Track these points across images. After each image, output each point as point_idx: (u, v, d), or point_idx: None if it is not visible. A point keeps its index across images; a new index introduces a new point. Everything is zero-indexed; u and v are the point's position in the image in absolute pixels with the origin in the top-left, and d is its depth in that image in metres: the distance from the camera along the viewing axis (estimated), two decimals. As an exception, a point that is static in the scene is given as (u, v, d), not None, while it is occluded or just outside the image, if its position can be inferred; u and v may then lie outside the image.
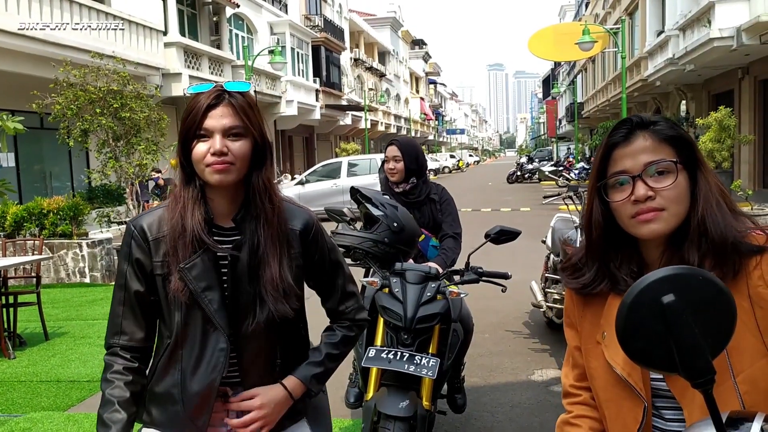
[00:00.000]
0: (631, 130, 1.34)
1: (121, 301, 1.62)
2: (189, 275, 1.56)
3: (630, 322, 0.93)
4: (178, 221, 1.57)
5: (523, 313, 6.52)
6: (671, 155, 1.31)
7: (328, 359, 1.72)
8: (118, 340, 1.62)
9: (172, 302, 1.59)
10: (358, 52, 41.41)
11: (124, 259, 1.62)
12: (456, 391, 3.49)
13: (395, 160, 3.50)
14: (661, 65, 19.61)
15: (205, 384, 1.58)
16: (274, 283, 1.59)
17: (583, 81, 43.32)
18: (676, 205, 1.30)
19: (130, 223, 1.64)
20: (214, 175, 1.54)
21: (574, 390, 1.50)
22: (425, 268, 2.93)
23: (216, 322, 1.58)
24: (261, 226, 1.61)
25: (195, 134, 1.54)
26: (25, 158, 15.04)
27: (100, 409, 1.55)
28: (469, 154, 75.05)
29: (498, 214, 16.55)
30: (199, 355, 1.60)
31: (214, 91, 1.56)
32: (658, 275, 0.92)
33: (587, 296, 1.44)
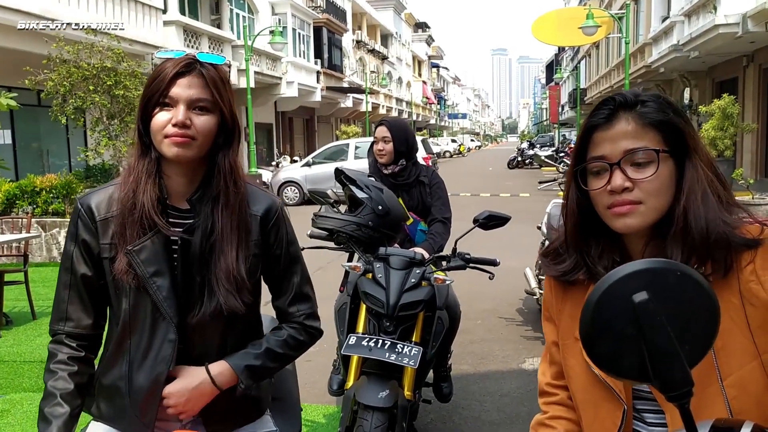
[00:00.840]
0: (614, 111, 1.21)
1: (66, 284, 1.51)
2: (137, 258, 1.45)
3: (596, 323, 0.81)
4: (129, 196, 1.45)
5: (517, 300, 6.44)
6: (655, 142, 1.18)
7: (267, 355, 1.58)
8: (63, 326, 1.51)
9: (120, 288, 1.48)
10: (361, 34, 41.03)
11: (71, 239, 1.51)
12: (442, 380, 3.40)
13: (384, 141, 3.39)
14: (666, 51, 19.39)
15: (151, 377, 1.48)
16: (228, 274, 1.48)
17: (587, 67, 42.97)
18: (655, 199, 1.17)
19: (78, 201, 1.52)
20: (172, 148, 1.42)
21: (550, 389, 1.40)
22: (410, 254, 2.83)
23: (164, 310, 1.47)
24: (219, 209, 1.49)
25: (158, 101, 1.43)
26: (21, 135, 14.90)
27: (42, 402, 1.45)
28: (470, 138, 74.84)
29: (497, 200, 16.44)
30: (147, 345, 1.49)
31: (184, 59, 1.44)
32: (629, 269, 0.80)
33: (567, 288, 1.34)
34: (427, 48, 69.40)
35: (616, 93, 1.25)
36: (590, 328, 0.83)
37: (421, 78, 64.20)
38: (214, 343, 1.53)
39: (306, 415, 3.79)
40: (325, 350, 4.83)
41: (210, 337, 1.53)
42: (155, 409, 1.50)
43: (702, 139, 1.25)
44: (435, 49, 74.54)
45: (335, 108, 34.49)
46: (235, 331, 1.56)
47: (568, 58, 55.77)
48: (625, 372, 0.82)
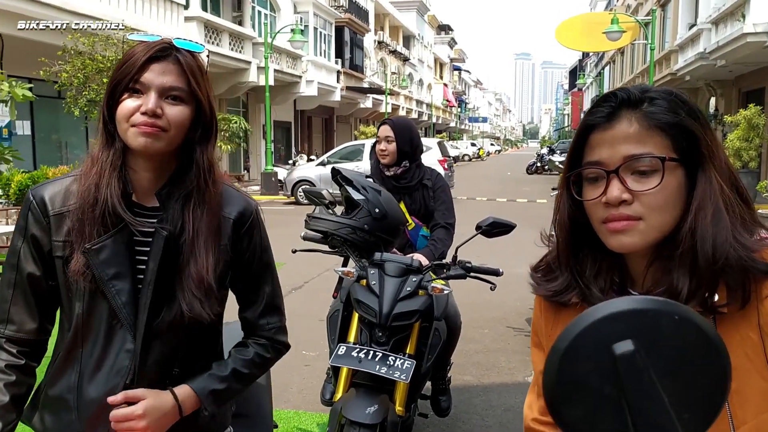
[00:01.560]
0: (615, 110, 1.02)
1: (11, 283, 1.36)
2: (96, 259, 1.29)
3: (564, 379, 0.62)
4: (90, 190, 1.30)
5: (528, 310, 6.24)
6: (662, 148, 0.99)
7: (233, 377, 1.42)
8: (3, 329, 1.35)
9: (73, 290, 1.33)
10: (383, 34, 40.91)
11: (19, 234, 1.36)
12: (440, 393, 3.24)
13: (387, 140, 3.22)
14: (692, 59, 19.04)
15: (104, 390, 1.33)
16: (201, 281, 1.33)
17: (611, 73, 42.50)
18: (657, 215, 0.99)
19: (30, 192, 1.37)
20: (139, 137, 1.27)
21: (536, 425, 1.20)
22: (407, 260, 2.67)
23: (122, 317, 1.32)
24: (191, 208, 1.34)
25: (127, 87, 1.27)
26: (41, 127, 14.98)
27: None
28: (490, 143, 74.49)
29: (513, 205, 16.21)
30: (101, 355, 1.34)
31: (159, 43, 1.29)
32: (610, 309, 0.61)
33: (559, 310, 1.17)
34: (450, 50, 69.11)
35: (620, 88, 1.07)
36: (556, 385, 0.63)
37: (442, 80, 63.93)
38: (163, 353, 1.38)
39: (299, 424, 3.65)
40: (325, 355, 4.68)
41: (162, 347, 1.37)
42: (106, 425, 1.35)
43: (726, 149, 1.05)
44: (457, 51, 74.24)
45: (355, 108, 34.40)
46: (190, 343, 1.41)
47: (592, 64, 55.25)
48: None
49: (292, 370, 4.48)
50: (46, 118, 14.99)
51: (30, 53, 11.51)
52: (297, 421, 3.68)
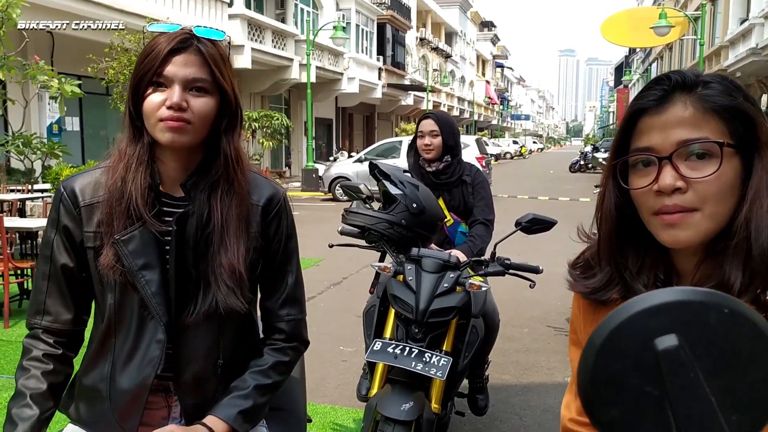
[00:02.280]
0: (668, 93, 0.96)
1: (45, 275, 1.38)
2: (125, 249, 1.31)
3: (600, 376, 0.57)
4: (117, 184, 1.31)
5: (568, 309, 6.07)
6: (719, 133, 0.93)
7: (256, 392, 1.40)
8: (39, 320, 1.38)
9: (105, 281, 1.34)
10: (425, 31, 40.75)
11: (51, 226, 1.38)
12: (478, 391, 3.19)
13: (432, 135, 3.17)
14: (743, 55, 18.48)
15: (135, 381, 1.34)
16: (233, 270, 1.33)
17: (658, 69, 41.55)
18: (713, 204, 0.93)
19: (61, 184, 1.39)
20: (166, 133, 1.28)
21: (573, 426, 1.16)
22: (444, 256, 2.63)
23: (152, 308, 1.33)
24: (218, 197, 1.34)
25: (150, 81, 1.28)
26: (89, 123, 15.37)
27: (10, 402, 1.32)
28: (533, 140, 73.60)
29: (555, 203, 15.98)
30: (133, 346, 1.35)
31: (180, 33, 1.29)
32: (653, 301, 0.56)
33: (598, 308, 1.12)
34: (492, 47, 68.47)
35: (673, 71, 1.00)
36: (591, 384, 0.58)
37: (484, 78, 63.41)
38: (204, 345, 1.39)
39: (336, 419, 3.65)
40: (362, 351, 4.68)
41: (201, 339, 1.38)
42: (139, 414, 1.36)
43: None
44: (500, 48, 73.53)
45: (396, 105, 34.37)
46: (229, 333, 1.42)
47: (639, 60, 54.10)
48: None
49: (329, 365, 4.49)
50: (94, 115, 15.37)
51: (78, 51, 11.81)
52: (333, 416, 3.68)
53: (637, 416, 0.57)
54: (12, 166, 10.99)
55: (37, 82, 9.57)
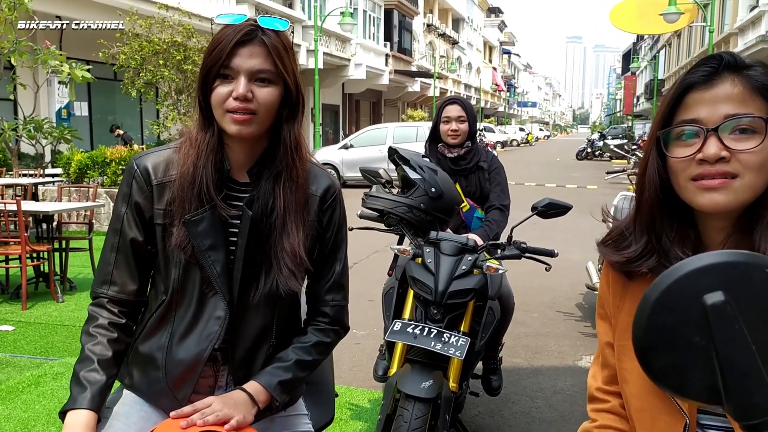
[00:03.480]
0: (717, 70, 1.04)
1: (114, 247, 1.45)
2: (194, 230, 1.38)
3: (654, 328, 0.65)
4: (189, 170, 1.38)
5: (577, 295, 6.19)
6: (763, 111, 1.01)
7: (297, 366, 1.48)
8: (106, 290, 1.44)
9: (171, 257, 1.41)
10: (432, 17, 40.58)
11: (123, 200, 1.44)
12: (491, 372, 3.26)
13: (459, 120, 3.20)
14: (752, 42, 18.40)
15: (193, 353, 1.42)
16: (294, 255, 1.41)
17: (666, 57, 41.31)
18: (754, 174, 1.00)
19: (133, 161, 1.45)
20: (233, 125, 1.34)
21: (600, 395, 1.25)
22: (462, 239, 2.69)
23: (217, 286, 1.40)
24: (281, 185, 1.41)
25: (218, 73, 1.34)
26: (97, 108, 15.44)
27: (77, 365, 1.39)
28: (539, 128, 73.35)
29: (562, 191, 16.00)
30: (193, 320, 1.43)
31: (245, 26, 1.34)
32: (702, 262, 0.63)
33: (627, 282, 1.18)
34: (500, 34, 68.14)
35: (722, 51, 1.08)
36: (646, 333, 0.66)
37: (491, 64, 63.15)
38: (259, 325, 1.46)
39: (351, 399, 3.73)
40: (375, 334, 4.77)
41: (259, 319, 1.46)
42: (192, 385, 1.44)
43: None
44: (507, 35, 73.14)
45: (403, 92, 34.32)
46: (282, 314, 1.50)
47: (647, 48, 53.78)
48: (689, 391, 0.65)
49: (343, 348, 4.56)
50: (102, 100, 15.44)
51: (87, 36, 11.85)
52: (349, 396, 3.76)
53: (686, 363, 0.64)
54: (22, 151, 11.07)
55: (48, 67, 9.63)
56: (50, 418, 3.42)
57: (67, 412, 1.33)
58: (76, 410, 1.33)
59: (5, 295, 5.95)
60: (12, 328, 4.97)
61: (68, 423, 1.32)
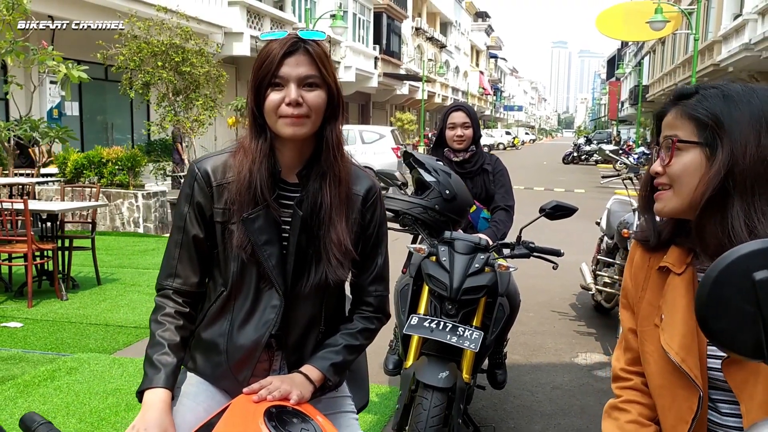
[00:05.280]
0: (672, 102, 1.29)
1: (178, 243, 1.59)
2: (251, 227, 1.52)
3: (713, 299, 0.81)
4: (246, 175, 1.52)
5: (571, 295, 6.38)
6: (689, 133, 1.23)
7: (346, 350, 1.63)
8: (171, 282, 1.59)
9: (230, 252, 1.56)
10: (420, 21, 40.83)
11: (185, 201, 1.59)
12: (497, 367, 3.42)
13: (464, 126, 3.37)
14: (736, 50, 18.73)
15: (252, 339, 1.56)
16: (340, 245, 1.55)
17: (651, 63, 41.79)
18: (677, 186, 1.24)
19: (194, 165, 1.60)
20: (288, 128, 1.49)
21: (624, 374, 1.42)
22: (475, 239, 2.84)
23: (273, 277, 1.55)
24: (327, 184, 1.56)
25: (269, 83, 1.49)
26: (88, 108, 15.41)
27: (150, 350, 1.53)
28: (525, 131, 73.89)
29: (551, 194, 16.22)
30: (251, 309, 1.57)
31: (289, 39, 1.50)
32: (751, 248, 0.80)
33: (648, 275, 1.36)
34: (486, 38, 68.60)
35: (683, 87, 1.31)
36: (707, 303, 0.82)
37: (478, 68, 63.56)
38: (310, 313, 1.61)
39: (359, 393, 3.86)
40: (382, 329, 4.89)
41: (309, 308, 1.60)
42: (251, 368, 1.58)
43: None
44: (494, 39, 73.63)
45: (391, 95, 34.49)
46: (330, 304, 1.64)
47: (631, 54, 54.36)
48: (740, 348, 0.82)
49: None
50: (93, 100, 15.41)
51: (78, 36, 11.89)
52: (356, 390, 3.89)
53: (739, 326, 0.81)
54: (15, 151, 11.07)
55: (45, 68, 9.68)
56: (69, 411, 3.53)
57: (145, 392, 1.47)
58: (152, 389, 1.46)
59: (9, 293, 6.03)
60: (21, 325, 5.06)
61: (147, 400, 1.45)
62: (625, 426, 1.36)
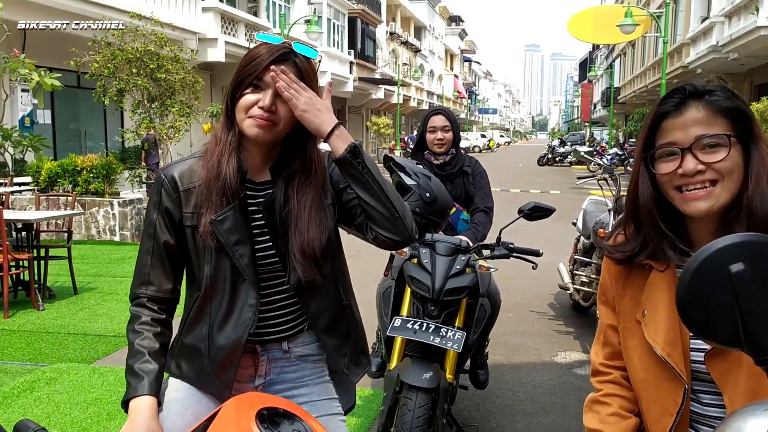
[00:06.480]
0: (684, 100, 1.27)
1: (149, 250, 1.59)
2: (221, 228, 1.52)
3: (693, 291, 0.86)
4: (215, 165, 1.53)
5: (549, 295, 6.46)
6: (725, 128, 1.24)
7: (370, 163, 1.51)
8: (145, 290, 1.59)
9: (202, 254, 1.56)
10: (395, 25, 40.98)
11: (154, 208, 1.59)
12: (479, 367, 3.45)
13: (444, 130, 3.40)
14: (704, 52, 19.11)
15: (231, 339, 1.57)
16: (303, 251, 1.55)
17: (621, 66, 42.42)
18: (728, 180, 1.24)
19: (161, 172, 1.61)
20: (253, 128, 1.50)
21: (604, 368, 1.46)
22: (456, 241, 2.89)
23: (247, 276, 1.55)
24: (294, 187, 1.57)
25: (250, 83, 1.50)
26: (61, 116, 15.21)
27: (130, 360, 1.53)
28: (500, 134, 74.49)
29: (527, 195, 16.39)
30: (228, 309, 1.57)
31: (281, 47, 1.51)
32: (727, 242, 0.85)
33: (628, 273, 1.39)
34: (460, 42, 69.04)
35: (685, 83, 1.32)
36: (687, 295, 0.87)
37: (452, 72, 63.93)
38: (324, 300, 1.64)
39: (342, 396, 3.88)
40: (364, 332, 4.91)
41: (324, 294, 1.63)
42: (234, 369, 1.59)
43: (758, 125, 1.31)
44: (468, 43, 74.13)
45: (366, 99, 34.55)
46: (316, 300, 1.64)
47: (603, 57, 55.09)
48: (718, 337, 0.86)
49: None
50: (66, 107, 15.22)
51: (50, 44, 11.76)
52: (340, 394, 3.91)
53: (717, 316, 0.86)
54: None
55: (17, 75, 9.55)
56: (50, 422, 3.50)
57: (130, 401, 1.47)
58: (137, 397, 1.47)
59: (-17, 304, 5.93)
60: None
61: (133, 408, 1.46)
62: (606, 418, 1.40)
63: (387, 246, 1.60)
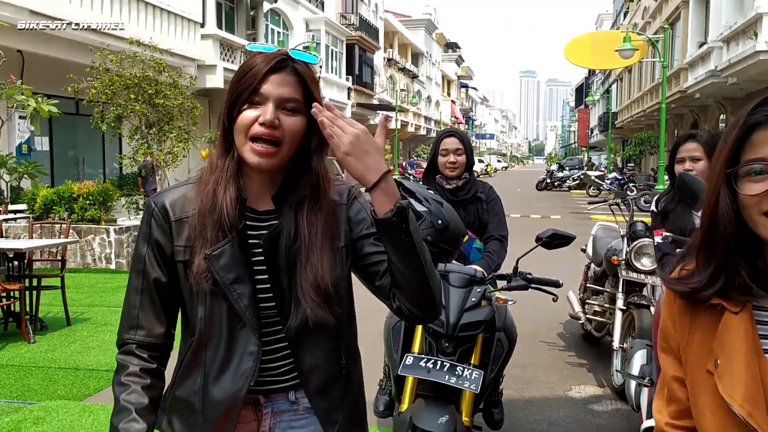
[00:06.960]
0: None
1: (138, 289, 1.39)
2: (216, 264, 1.32)
3: None
4: (209, 195, 1.34)
5: (558, 324, 6.26)
6: None
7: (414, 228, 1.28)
8: (133, 335, 1.38)
9: (195, 294, 1.36)
10: (392, 52, 41.19)
11: (144, 240, 1.39)
12: (493, 405, 3.25)
13: (457, 153, 3.23)
14: (702, 77, 19.13)
15: (229, 393, 1.36)
16: (317, 286, 1.34)
17: (618, 91, 42.60)
18: None
19: (151, 200, 1.41)
20: (254, 157, 1.31)
21: (670, 430, 1.23)
22: (470, 271, 2.71)
23: (246, 319, 1.34)
24: (304, 214, 1.37)
25: (247, 98, 1.31)
26: (59, 143, 15.10)
27: (114, 418, 1.33)
28: (497, 159, 74.60)
29: (528, 221, 16.22)
30: (225, 357, 1.36)
31: (277, 55, 1.33)
32: None
33: (695, 315, 1.19)
34: (457, 68, 69.48)
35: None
36: None
37: (450, 97, 64.23)
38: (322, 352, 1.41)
39: (347, 436, 3.66)
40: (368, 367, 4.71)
41: (321, 346, 1.40)
42: (232, 427, 1.38)
43: None
44: (465, 69, 74.64)
45: (364, 124, 34.47)
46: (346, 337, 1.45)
47: (599, 82, 55.45)
48: None
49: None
50: (64, 134, 15.12)
51: (49, 71, 11.66)
52: (345, 433, 3.69)
53: None
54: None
55: (13, 102, 9.42)
56: (36, 466, 3.28)
57: None
58: None
59: (-28, 336, 5.72)
60: (-16, 372, 4.77)
61: None
62: None
63: (409, 320, 1.39)
